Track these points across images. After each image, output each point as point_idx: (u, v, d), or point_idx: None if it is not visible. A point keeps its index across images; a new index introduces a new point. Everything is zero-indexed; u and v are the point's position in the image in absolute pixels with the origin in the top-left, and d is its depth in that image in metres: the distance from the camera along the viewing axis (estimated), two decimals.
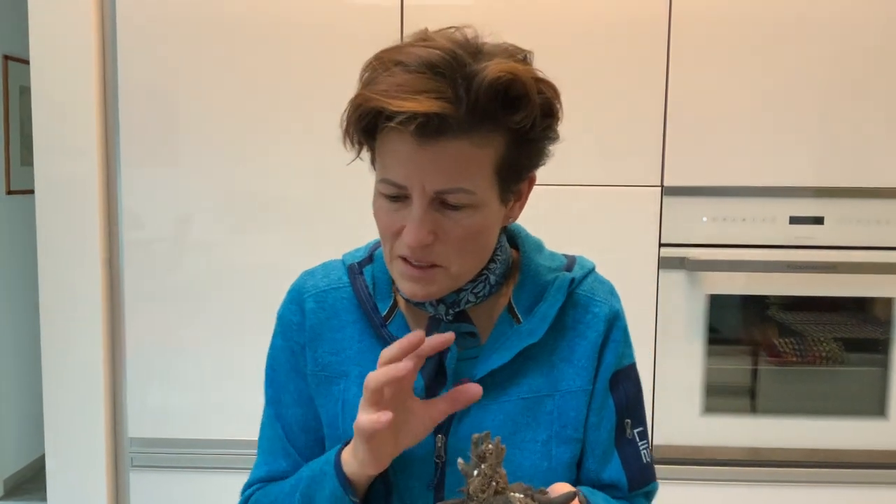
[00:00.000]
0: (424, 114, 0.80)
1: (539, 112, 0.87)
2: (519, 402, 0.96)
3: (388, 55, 0.85)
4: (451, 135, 0.83)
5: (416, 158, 0.84)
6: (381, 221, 0.91)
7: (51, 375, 2.01)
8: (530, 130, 0.87)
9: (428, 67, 0.82)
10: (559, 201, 1.93)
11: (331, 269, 1.05)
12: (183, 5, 1.93)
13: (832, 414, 1.99)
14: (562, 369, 0.99)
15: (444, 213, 0.87)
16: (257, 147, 1.95)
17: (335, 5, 1.92)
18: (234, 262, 1.97)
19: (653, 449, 1.96)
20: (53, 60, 1.95)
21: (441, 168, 0.84)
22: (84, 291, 1.99)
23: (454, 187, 0.85)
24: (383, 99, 0.81)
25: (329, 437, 1.00)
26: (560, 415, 0.98)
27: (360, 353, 0.99)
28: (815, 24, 1.89)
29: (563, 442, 0.98)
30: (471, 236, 0.89)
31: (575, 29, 1.90)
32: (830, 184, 1.92)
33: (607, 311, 1.02)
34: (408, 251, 0.88)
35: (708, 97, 1.91)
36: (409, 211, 0.87)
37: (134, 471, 2.02)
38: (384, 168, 0.87)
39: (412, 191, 0.86)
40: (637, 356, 1.98)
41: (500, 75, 0.81)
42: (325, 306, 1.01)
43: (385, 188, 0.88)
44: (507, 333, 0.97)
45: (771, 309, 2.00)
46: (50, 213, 1.98)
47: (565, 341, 0.99)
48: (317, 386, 1.01)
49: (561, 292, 0.99)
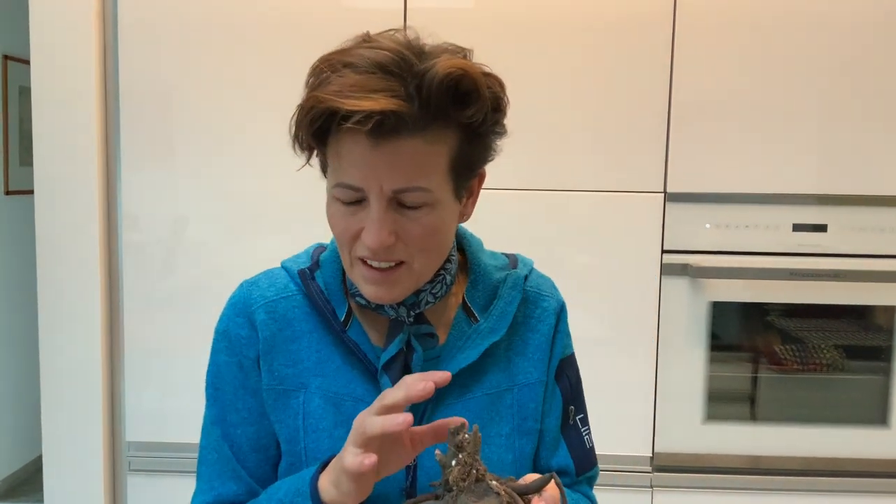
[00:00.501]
0: (380, 112, 0.80)
1: (489, 106, 0.87)
2: (483, 399, 0.98)
3: (335, 57, 0.85)
4: (405, 134, 0.83)
5: (372, 159, 0.84)
6: (338, 226, 0.90)
7: (49, 377, 2.00)
8: (481, 125, 0.88)
9: (378, 67, 0.82)
10: (562, 207, 1.92)
11: (275, 278, 1.02)
12: (184, 7, 1.92)
13: (833, 422, 1.98)
14: (517, 363, 1.01)
15: (403, 213, 0.87)
16: (256, 150, 1.94)
17: (337, 8, 1.91)
18: (233, 264, 1.96)
19: (654, 456, 1.96)
20: (54, 60, 1.95)
21: (397, 167, 0.84)
22: (83, 293, 1.98)
23: (411, 186, 0.85)
24: (337, 99, 0.81)
25: (288, 452, 0.97)
26: (520, 408, 1.00)
27: (318, 363, 0.97)
28: (818, 32, 1.88)
29: (524, 434, 1.00)
30: (430, 234, 0.89)
31: (577, 32, 1.90)
32: (834, 191, 1.91)
33: (555, 305, 1.05)
34: (369, 253, 0.88)
35: (711, 104, 1.90)
36: (367, 213, 0.87)
37: (131, 474, 2.00)
38: (338, 172, 0.87)
39: (369, 192, 0.85)
40: (639, 363, 1.99)
41: (451, 71, 0.82)
42: (276, 317, 0.98)
43: (340, 192, 0.88)
44: (467, 332, 0.98)
45: (772, 316, 1.99)
46: (49, 213, 1.97)
47: (518, 336, 1.02)
48: (274, 401, 0.98)
49: (517, 290, 1.02)
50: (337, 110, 0.81)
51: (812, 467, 1.97)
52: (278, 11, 1.91)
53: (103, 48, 1.97)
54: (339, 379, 0.96)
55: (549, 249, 1.91)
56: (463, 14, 1.91)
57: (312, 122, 0.84)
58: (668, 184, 1.91)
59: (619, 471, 1.95)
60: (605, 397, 1.93)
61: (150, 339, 1.98)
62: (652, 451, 1.96)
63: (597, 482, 1.10)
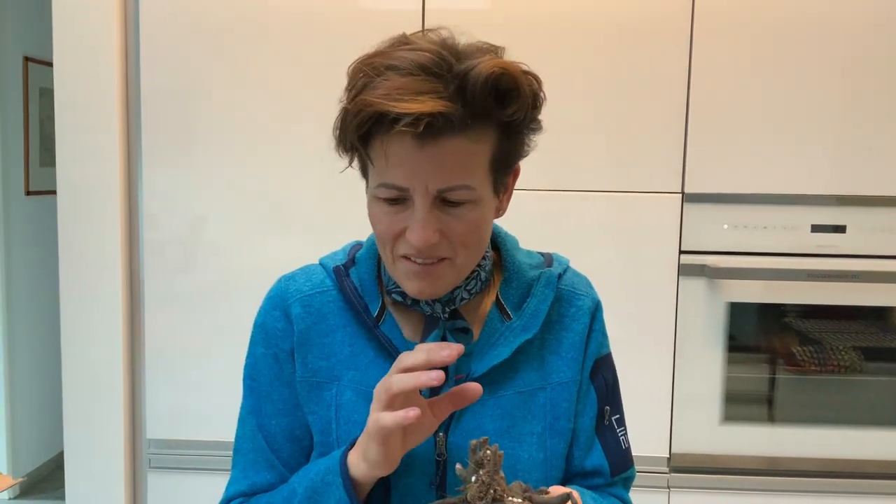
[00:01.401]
0: (429, 114, 0.81)
1: (529, 104, 0.89)
2: (515, 397, 0.99)
3: (377, 60, 0.86)
4: (449, 133, 0.84)
5: (418, 160, 0.85)
6: (381, 225, 0.91)
7: (71, 375, 2.02)
8: (521, 122, 0.90)
9: (420, 69, 0.84)
10: (579, 207, 1.93)
11: (312, 273, 1.04)
12: (204, 9, 1.94)
13: (852, 424, 1.97)
14: (551, 362, 1.02)
15: (446, 211, 0.88)
16: (275, 150, 1.96)
17: (356, 11, 1.93)
18: (252, 264, 1.97)
19: (671, 457, 1.96)
20: (76, 62, 1.97)
21: (442, 167, 0.86)
22: (104, 292, 2.00)
23: (456, 185, 0.87)
24: (386, 103, 0.81)
25: (321, 443, 0.99)
26: (553, 407, 1.00)
27: (351, 357, 0.99)
28: (837, 33, 1.88)
29: (556, 433, 1.00)
30: (472, 230, 0.90)
31: (594, 33, 1.90)
32: (852, 192, 1.90)
33: (590, 304, 1.06)
34: (413, 251, 0.89)
35: (729, 105, 1.90)
36: (410, 212, 0.88)
37: (151, 472, 2.03)
38: (382, 172, 0.88)
39: (414, 192, 0.87)
40: (656, 363, 1.99)
41: (493, 71, 0.83)
42: (311, 311, 1.01)
43: (385, 192, 0.89)
44: (500, 329, 0.99)
45: (790, 317, 1.98)
46: (71, 213, 1.99)
47: (552, 334, 1.02)
48: (307, 392, 1.00)
49: (550, 288, 1.02)
50: (386, 113, 0.82)
51: (830, 469, 1.97)
52: (297, 13, 1.93)
53: (125, 50, 1.99)
54: (371, 372, 0.98)
55: (566, 250, 1.89)
56: (479, 15, 1.92)
57: (360, 125, 0.85)
58: (686, 184, 1.91)
59: (636, 471, 1.95)
60: (623, 398, 1.93)
61: (170, 338, 2.00)
62: (669, 452, 1.96)
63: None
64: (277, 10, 1.93)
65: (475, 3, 1.92)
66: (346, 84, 0.89)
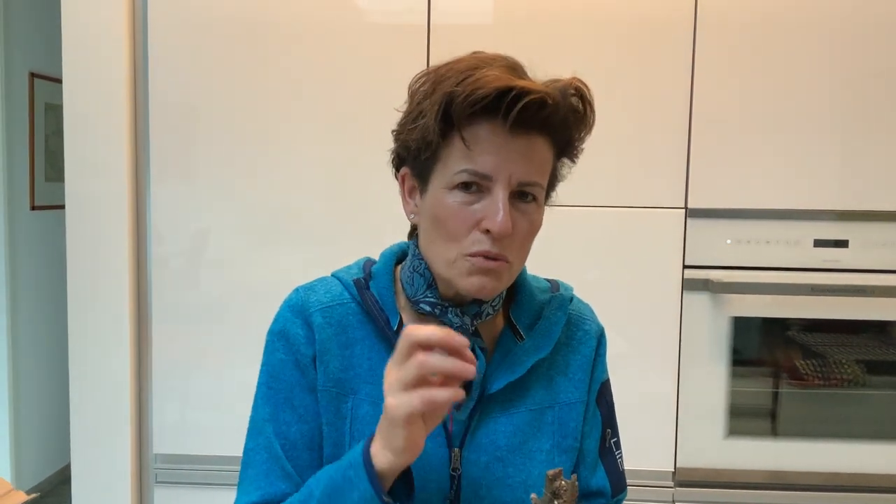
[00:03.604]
0: (550, 95, 0.86)
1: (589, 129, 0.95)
2: (527, 414, 1.01)
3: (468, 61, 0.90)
4: (535, 132, 0.89)
5: (507, 149, 0.88)
6: (457, 216, 0.91)
7: (78, 389, 2.03)
8: (576, 146, 0.95)
9: (515, 71, 0.89)
10: (583, 223, 1.94)
11: (330, 285, 1.04)
12: (212, 25, 1.96)
13: (855, 438, 1.98)
14: (559, 382, 1.04)
15: (516, 206, 0.91)
16: (281, 165, 1.97)
17: (362, 25, 1.95)
18: (260, 278, 1.98)
19: (676, 471, 1.96)
20: (85, 78, 1.99)
21: (528, 160, 0.89)
22: (112, 306, 2.01)
23: (534, 181, 0.91)
24: (512, 80, 0.85)
25: (332, 456, 0.97)
26: (560, 425, 1.03)
27: (370, 370, 0.99)
28: (840, 47, 1.90)
29: (563, 451, 1.03)
30: (531, 233, 0.94)
31: (596, 47, 1.92)
32: (855, 207, 1.92)
33: (597, 329, 1.09)
34: (488, 243, 0.90)
35: (732, 121, 1.91)
36: (486, 204, 0.90)
37: (158, 486, 2.03)
38: (465, 158, 0.89)
39: (497, 180, 0.89)
40: (660, 378, 2.00)
41: (578, 87, 0.90)
42: (332, 321, 1.00)
43: (465, 177, 0.89)
44: (513, 350, 1.01)
45: (793, 331, 1.99)
46: (79, 228, 2.00)
47: (560, 356, 1.05)
48: (326, 403, 0.99)
49: (563, 311, 1.05)
50: (511, 88, 0.84)
51: (834, 482, 1.97)
52: (304, 29, 1.95)
53: (133, 65, 2.01)
54: None
55: (570, 265, 1.92)
56: (483, 30, 1.94)
57: (475, 102, 0.85)
58: (690, 199, 1.93)
59: (641, 485, 1.95)
60: (628, 412, 1.92)
61: (177, 352, 2.01)
62: (674, 466, 1.97)
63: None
64: (284, 26, 1.95)
65: (479, 19, 1.95)
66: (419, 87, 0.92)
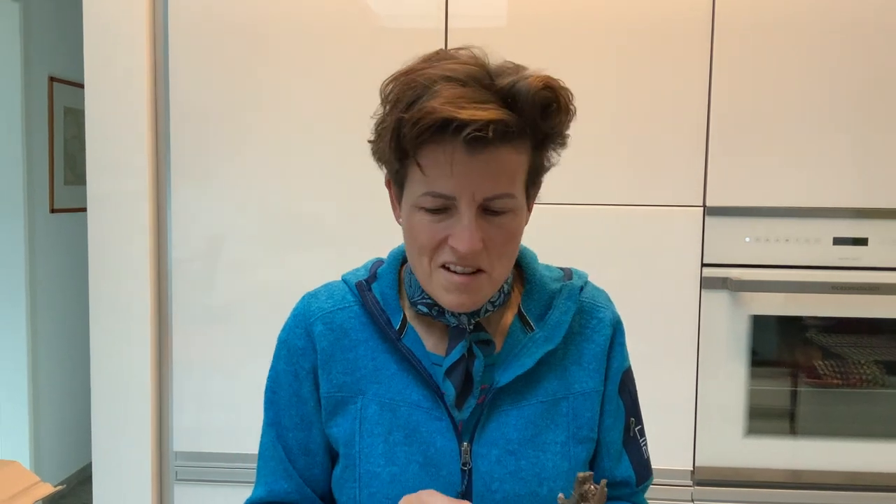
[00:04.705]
0: (495, 121, 0.84)
1: (567, 118, 0.93)
2: (538, 406, 1.00)
3: (427, 72, 0.88)
4: (497, 143, 0.86)
5: (467, 168, 0.87)
6: (423, 235, 0.92)
7: (100, 389, 2.04)
8: (556, 136, 0.93)
9: (474, 80, 0.86)
10: (601, 222, 1.94)
11: (334, 290, 1.07)
12: (231, 30, 1.97)
13: (875, 437, 1.97)
14: (573, 372, 1.03)
15: (488, 220, 0.90)
16: (300, 168, 1.98)
17: (380, 30, 1.96)
18: (279, 280, 2.00)
19: (695, 470, 1.96)
20: (106, 82, 2.01)
21: (490, 175, 0.88)
22: (133, 308, 2.03)
23: (501, 193, 0.89)
24: (454, 110, 0.83)
25: (345, 455, 1.01)
26: (575, 416, 1.02)
27: (374, 371, 1.01)
28: (858, 44, 1.89)
29: (579, 442, 1.02)
30: (510, 240, 0.93)
31: (612, 46, 1.92)
32: (874, 205, 1.91)
33: (611, 317, 1.07)
34: (455, 259, 0.90)
35: (750, 119, 1.91)
36: (453, 221, 0.90)
37: (178, 484, 2.05)
38: (429, 181, 0.89)
39: (461, 200, 0.88)
40: (679, 377, 2.00)
41: (541, 84, 0.87)
42: (333, 327, 1.03)
43: (430, 201, 0.90)
44: (523, 341, 1.00)
45: (812, 329, 1.98)
46: (101, 230, 2.02)
47: (574, 345, 1.04)
48: (333, 407, 1.02)
49: (572, 300, 1.04)
50: (453, 119, 0.83)
51: (853, 482, 1.96)
52: (321, 34, 1.96)
53: (154, 69, 2.03)
54: (394, 385, 1.00)
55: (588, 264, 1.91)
56: (498, 32, 1.95)
57: (421, 132, 0.86)
58: (708, 198, 1.93)
59: (660, 485, 1.95)
60: (647, 411, 1.92)
61: (197, 352, 2.03)
62: (693, 466, 1.97)
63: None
64: (301, 32, 1.96)
65: (494, 22, 1.96)
66: (387, 96, 0.91)
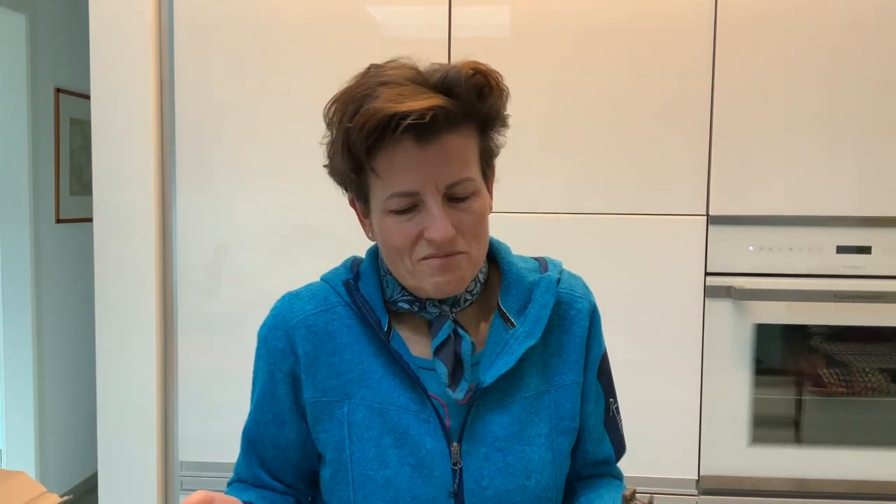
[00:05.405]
0: (436, 107, 0.88)
1: (502, 97, 0.97)
2: (523, 402, 1.02)
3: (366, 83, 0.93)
4: (445, 131, 0.91)
5: (423, 161, 0.91)
6: (396, 237, 0.95)
7: (105, 399, 2.05)
8: (496, 116, 0.97)
9: (409, 80, 0.91)
10: (604, 231, 1.95)
11: (315, 291, 1.08)
12: (234, 42, 1.99)
13: (880, 445, 1.96)
14: (553, 365, 1.05)
15: (455, 207, 0.94)
16: (304, 176, 1.99)
17: (383, 40, 1.97)
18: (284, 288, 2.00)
19: (700, 479, 1.96)
20: (113, 93, 2.02)
21: (446, 163, 0.92)
22: (139, 317, 2.03)
23: (461, 178, 0.93)
24: (393, 105, 0.88)
25: (334, 460, 1.01)
26: (557, 408, 1.04)
27: (361, 374, 1.01)
28: (860, 53, 1.90)
29: (561, 433, 1.04)
30: (480, 221, 0.96)
31: (614, 58, 1.93)
32: (878, 213, 1.91)
33: (588, 307, 1.08)
34: (433, 250, 0.93)
35: (752, 127, 1.92)
36: (422, 216, 0.93)
37: (184, 494, 2.05)
38: (388, 185, 0.93)
39: (425, 193, 0.92)
40: (683, 385, 2.00)
41: (471, 70, 0.92)
42: (316, 330, 1.03)
43: (396, 202, 0.93)
44: (504, 338, 1.01)
45: (816, 338, 1.98)
46: (107, 239, 2.03)
47: (553, 337, 1.05)
48: (319, 412, 1.02)
49: (550, 293, 1.04)
50: (395, 114, 0.87)
51: (858, 490, 1.96)
52: (325, 45, 1.97)
53: (160, 81, 2.04)
54: (382, 389, 1.00)
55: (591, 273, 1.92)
56: (501, 42, 1.95)
57: (368, 135, 0.90)
58: (711, 207, 1.93)
59: (664, 493, 1.95)
60: (651, 420, 1.93)
61: (202, 361, 2.03)
62: (698, 474, 1.96)
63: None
64: (307, 43, 1.98)
65: (498, 32, 1.96)
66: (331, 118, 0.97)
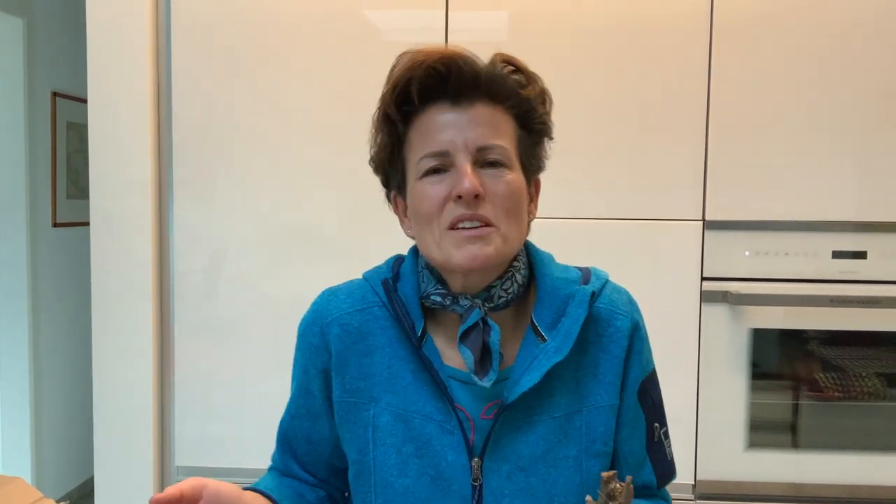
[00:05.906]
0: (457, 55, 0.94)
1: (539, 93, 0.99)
2: (551, 422, 0.97)
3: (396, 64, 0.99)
4: (480, 99, 0.95)
5: (454, 122, 0.93)
6: (428, 199, 0.95)
7: (102, 403, 2.05)
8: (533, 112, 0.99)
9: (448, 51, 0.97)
10: (600, 235, 1.95)
11: (354, 289, 1.06)
12: (233, 47, 1.99)
13: (877, 450, 1.97)
14: (587, 385, 0.99)
15: (485, 172, 0.94)
16: (301, 182, 1.99)
17: (381, 45, 1.97)
18: (280, 294, 2.00)
19: (696, 484, 1.96)
20: (110, 98, 2.02)
21: (478, 125, 0.94)
22: (135, 322, 2.03)
23: (492, 143, 0.94)
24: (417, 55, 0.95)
25: (357, 461, 1.00)
26: (589, 430, 0.98)
27: (389, 378, 1.00)
28: (857, 59, 1.90)
29: (592, 456, 0.98)
30: (511, 194, 0.95)
31: (610, 61, 1.93)
32: (874, 219, 1.92)
33: (629, 325, 1.02)
34: (461, 210, 0.93)
35: (748, 132, 1.92)
36: (453, 177, 0.94)
37: None
38: (422, 146, 0.95)
39: (456, 152, 0.93)
40: (680, 390, 1.99)
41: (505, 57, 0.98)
42: (350, 330, 1.02)
43: (428, 162, 0.95)
44: (534, 353, 0.97)
45: (812, 343, 1.99)
46: (104, 245, 2.03)
47: (589, 356, 1.00)
48: (345, 413, 1.01)
49: (582, 307, 0.99)
50: (421, 62, 0.93)
51: (854, 495, 1.96)
52: (323, 49, 1.97)
53: (157, 86, 2.04)
54: (408, 396, 0.98)
55: None
56: (498, 46, 1.94)
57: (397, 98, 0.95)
58: (707, 212, 1.93)
59: None
60: None
61: (199, 366, 2.03)
62: (694, 479, 1.96)
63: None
64: (303, 48, 1.98)
65: (495, 36, 1.97)
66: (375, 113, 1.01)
